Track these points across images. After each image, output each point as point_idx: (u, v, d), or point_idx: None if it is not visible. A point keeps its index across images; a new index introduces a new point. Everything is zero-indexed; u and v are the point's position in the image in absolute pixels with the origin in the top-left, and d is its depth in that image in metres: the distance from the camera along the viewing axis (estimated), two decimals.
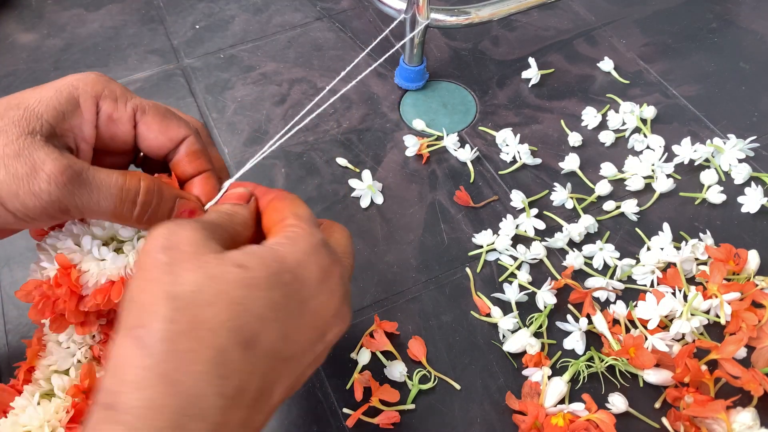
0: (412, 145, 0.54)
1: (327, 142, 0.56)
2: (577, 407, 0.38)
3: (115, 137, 0.33)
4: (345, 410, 0.40)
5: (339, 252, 0.30)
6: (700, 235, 0.48)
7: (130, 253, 0.33)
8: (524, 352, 0.42)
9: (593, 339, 0.43)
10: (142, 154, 0.36)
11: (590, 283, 0.45)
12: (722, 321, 0.42)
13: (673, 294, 0.43)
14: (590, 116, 0.56)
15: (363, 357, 0.42)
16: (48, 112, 0.30)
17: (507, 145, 0.54)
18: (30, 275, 0.34)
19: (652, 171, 0.52)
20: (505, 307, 0.44)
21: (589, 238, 0.49)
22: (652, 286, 0.45)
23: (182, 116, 0.34)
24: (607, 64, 0.62)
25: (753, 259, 0.46)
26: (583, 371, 0.40)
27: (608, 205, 0.50)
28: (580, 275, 0.46)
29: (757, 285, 0.43)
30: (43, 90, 0.30)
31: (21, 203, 0.28)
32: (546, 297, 0.44)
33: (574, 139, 0.55)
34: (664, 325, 0.42)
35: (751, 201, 0.50)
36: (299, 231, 0.28)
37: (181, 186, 0.34)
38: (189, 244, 0.26)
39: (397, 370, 0.41)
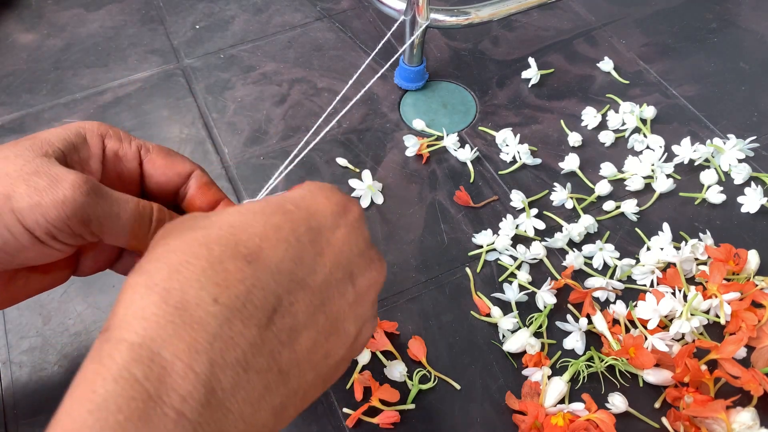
0: (412, 145, 0.54)
1: (327, 142, 0.56)
2: (577, 407, 0.38)
3: (121, 176, 0.33)
4: (345, 410, 0.40)
5: None
6: (700, 235, 0.48)
7: None
8: (524, 352, 0.42)
9: (593, 339, 0.43)
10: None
11: (590, 283, 0.45)
12: (722, 321, 0.42)
13: (673, 294, 0.43)
14: (590, 116, 0.56)
15: (363, 357, 0.42)
16: (59, 141, 0.30)
17: (507, 145, 0.54)
18: None
19: (652, 171, 0.52)
20: (505, 307, 0.44)
21: (589, 238, 0.49)
22: (652, 286, 0.45)
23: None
24: (607, 64, 0.62)
25: (753, 259, 0.46)
26: (583, 371, 0.40)
27: (608, 205, 0.50)
28: (580, 275, 0.46)
29: (757, 285, 0.43)
30: (51, 129, 0.31)
31: (43, 214, 0.26)
32: (546, 297, 0.44)
33: (574, 139, 0.55)
34: (664, 325, 0.42)
35: (750, 201, 0.50)
36: (307, 183, 0.28)
37: None
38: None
39: (397, 370, 0.41)
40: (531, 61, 0.60)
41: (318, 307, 0.24)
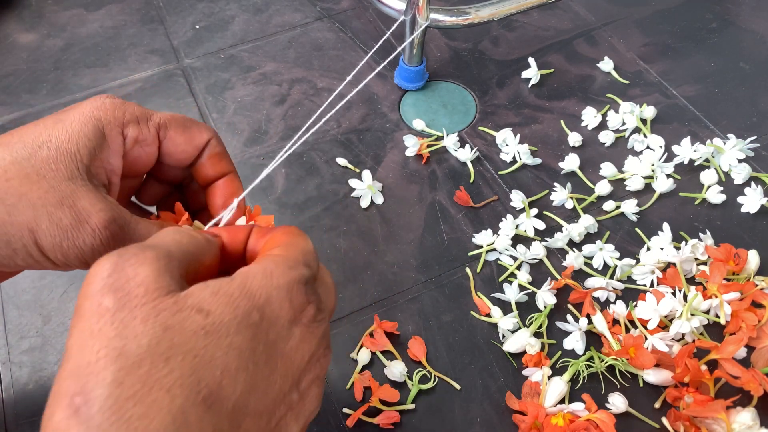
0: (412, 145, 0.54)
1: (327, 142, 0.56)
2: (577, 407, 0.38)
3: (139, 159, 0.32)
4: (345, 410, 0.40)
5: (321, 291, 0.27)
6: (700, 235, 0.48)
7: None
8: (524, 352, 0.42)
9: (593, 339, 0.43)
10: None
11: (590, 283, 0.45)
12: (722, 321, 0.42)
13: (673, 294, 0.43)
14: (590, 116, 0.56)
15: (363, 357, 0.42)
16: (81, 150, 0.28)
17: (507, 145, 0.54)
18: None
19: (652, 171, 0.52)
20: (505, 307, 0.44)
21: (589, 238, 0.49)
22: (652, 286, 0.45)
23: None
24: (607, 64, 0.62)
25: (753, 259, 0.46)
26: (583, 371, 0.40)
27: (608, 205, 0.50)
28: (580, 275, 0.46)
29: (756, 285, 0.43)
30: (67, 123, 0.29)
31: (63, 254, 0.27)
32: (546, 297, 0.44)
33: (574, 139, 0.55)
34: (664, 325, 0.42)
35: (750, 201, 0.50)
36: (279, 261, 0.25)
37: (204, 190, 0.34)
38: (139, 284, 0.22)
39: (397, 370, 0.41)
40: (531, 61, 0.60)
41: (264, 428, 0.24)
